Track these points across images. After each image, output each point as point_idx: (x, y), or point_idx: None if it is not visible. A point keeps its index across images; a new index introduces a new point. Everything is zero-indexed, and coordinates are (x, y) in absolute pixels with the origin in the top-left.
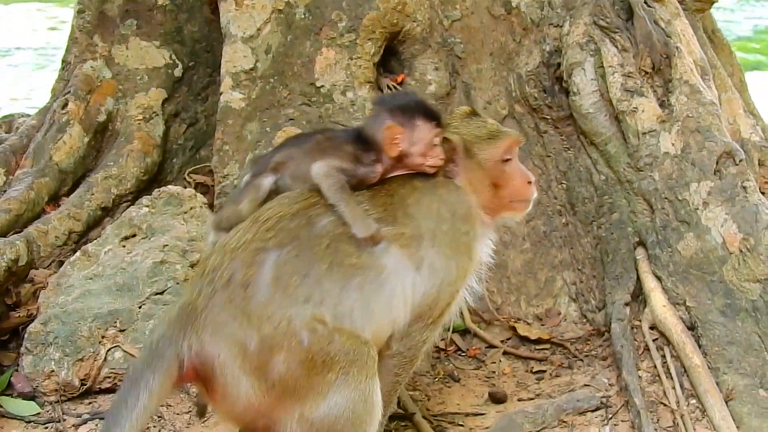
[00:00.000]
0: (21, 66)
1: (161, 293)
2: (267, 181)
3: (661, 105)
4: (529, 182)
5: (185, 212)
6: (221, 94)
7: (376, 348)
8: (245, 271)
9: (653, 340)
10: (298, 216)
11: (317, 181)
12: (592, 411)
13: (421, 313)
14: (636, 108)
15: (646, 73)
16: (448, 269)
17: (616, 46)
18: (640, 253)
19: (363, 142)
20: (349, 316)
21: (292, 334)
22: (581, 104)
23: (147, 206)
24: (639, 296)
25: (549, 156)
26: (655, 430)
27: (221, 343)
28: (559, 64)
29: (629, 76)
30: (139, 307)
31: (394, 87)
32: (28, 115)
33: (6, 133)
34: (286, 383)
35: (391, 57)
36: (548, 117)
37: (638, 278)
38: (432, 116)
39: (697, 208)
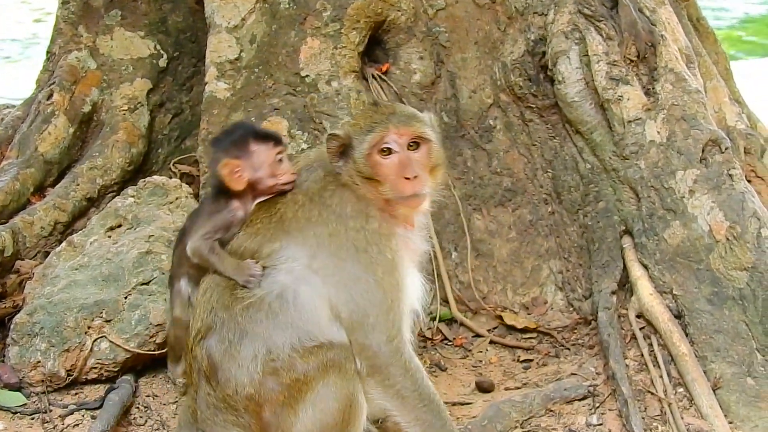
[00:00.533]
0: (5, 58)
1: (147, 283)
2: (183, 285)
3: (647, 93)
4: (407, 178)
5: (170, 202)
6: (206, 84)
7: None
8: (204, 362)
9: (640, 329)
10: (217, 292)
11: (194, 260)
12: (580, 400)
13: (352, 322)
14: (621, 96)
15: (631, 61)
16: (344, 271)
17: (601, 35)
18: (626, 241)
19: (220, 192)
20: (290, 342)
21: (262, 388)
22: (566, 93)
23: (132, 197)
24: (626, 285)
25: (534, 145)
26: (643, 418)
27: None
28: (544, 53)
29: (614, 65)
30: (125, 298)
31: (379, 76)
32: (13, 106)
33: None
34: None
35: (375, 46)
36: (533, 105)
37: (625, 267)
38: (265, 137)
39: (684, 197)
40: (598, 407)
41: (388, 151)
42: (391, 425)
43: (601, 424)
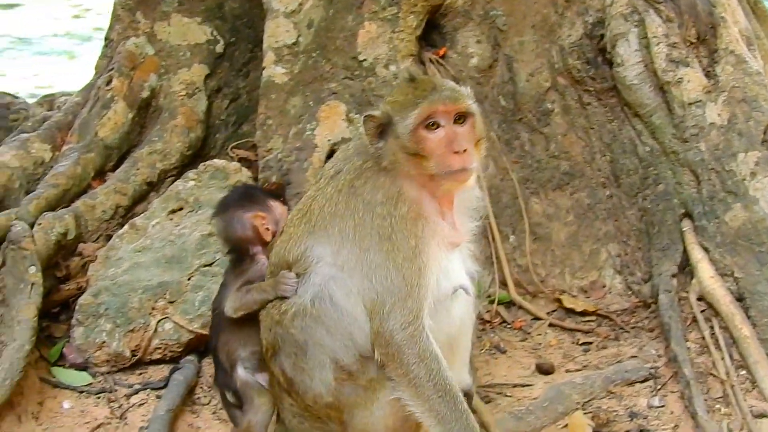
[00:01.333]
0: (45, 54)
1: (209, 265)
2: (242, 372)
3: (707, 75)
4: (456, 152)
5: (231, 185)
6: (264, 68)
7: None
8: (281, 377)
9: (701, 312)
10: (269, 310)
11: (238, 314)
12: (641, 382)
13: (371, 310)
14: (681, 78)
15: (691, 43)
16: (366, 261)
17: (661, 17)
18: (686, 224)
19: (240, 255)
20: (347, 344)
21: (340, 395)
22: (625, 75)
23: (193, 180)
24: (686, 268)
25: (593, 128)
26: (705, 400)
27: None
28: (602, 36)
29: (674, 47)
30: (188, 279)
31: (437, 60)
32: (69, 94)
33: (48, 111)
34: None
35: (433, 30)
36: (592, 89)
37: (685, 250)
38: (276, 195)
39: (745, 179)
40: (659, 389)
41: (435, 126)
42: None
43: (663, 406)
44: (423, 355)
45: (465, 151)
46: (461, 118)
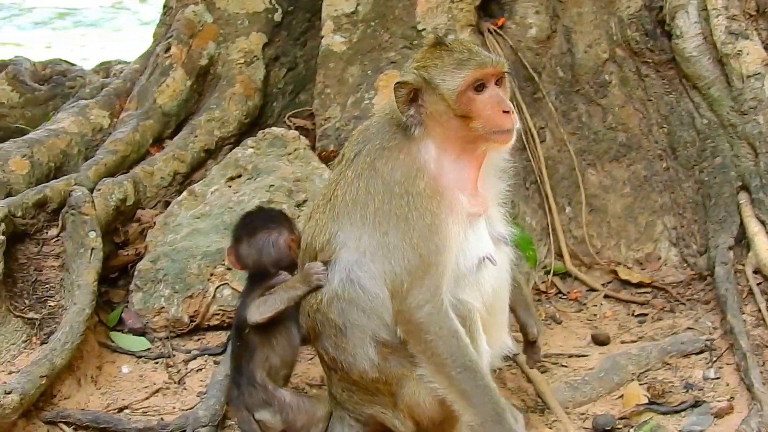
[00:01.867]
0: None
1: None
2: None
3: (766, 48)
4: (506, 111)
5: (289, 153)
6: (322, 37)
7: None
8: (325, 356)
9: (757, 285)
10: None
11: (261, 319)
12: (696, 354)
13: (391, 291)
14: (740, 51)
15: (751, 15)
16: (385, 243)
17: None
18: (743, 197)
19: (261, 277)
20: (385, 325)
21: (386, 369)
22: (684, 47)
23: (252, 147)
24: (742, 240)
25: (650, 100)
26: (761, 373)
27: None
28: (661, 7)
29: (734, 19)
30: None
31: (495, 31)
32: (125, 62)
33: (105, 78)
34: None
35: (491, 1)
36: (650, 60)
37: (741, 222)
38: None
39: None
40: (715, 361)
41: (482, 87)
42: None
43: (718, 378)
44: (441, 332)
45: (511, 110)
46: (500, 79)
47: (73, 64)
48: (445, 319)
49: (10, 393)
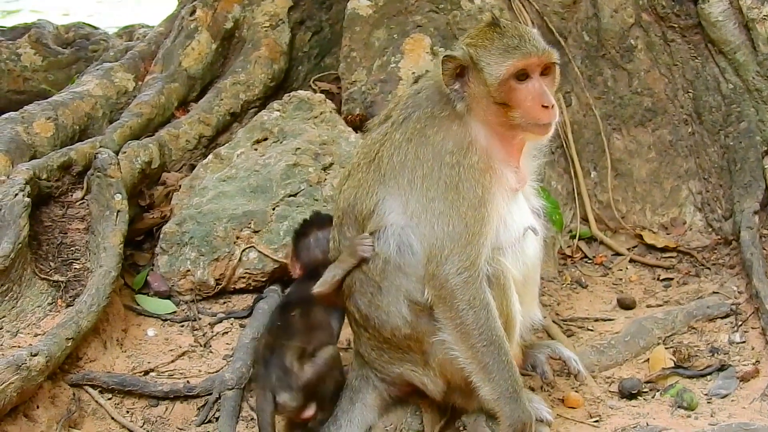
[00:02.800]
0: None
1: (294, 195)
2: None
3: None
4: (545, 106)
5: (315, 117)
6: (348, 1)
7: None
8: (357, 314)
9: None
10: None
11: (323, 290)
12: (722, 318)
13: (429, 254)
14: (766, 16)
15: None
16: (431, 210)
17: None
18: None
19: (308, 277)
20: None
21: (418, 326)
22: (710, 12)
23: (278, 110)
24: (767, 205)
25: (676, 65)
26: None
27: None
28: None
29: None
30: (273, 209)
31: None
32: (148, 26)
33: (128, 41)
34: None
35: None
36: (675, 25)
37: (767, 187)
38: None
39: None
40: (740, 325)
41: (525, 77)
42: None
43: (744, 342)
44: (474, 302)
45: (553, 106)
46: (547, 69)
47: (96, 28)
48: (479, 290)
49: (36, 355)
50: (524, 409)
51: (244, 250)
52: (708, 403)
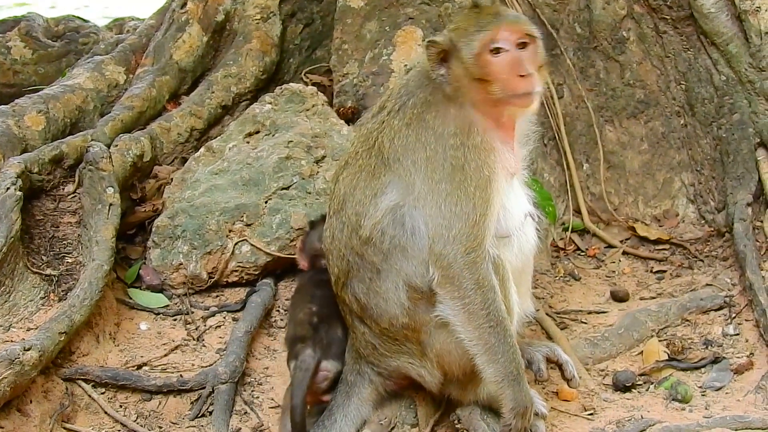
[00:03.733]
0: None
1: (287, 188)
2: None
3: None
4: (522, 75)
5: (307, 109)
6: None
7: None
8: (354, 305)
9: None
10: (341, 238)
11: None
12: (716, 310)
13: (435, 233)
14: (759, 7)
15: None
16: (437, 191)
17: None
18: (761, 153)
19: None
20: (422, 272)
21: (416, 315)
22: (702, 4)
23: (270, 103)
24: (760, 197)
25: (668, 56)
26: None
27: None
28: None
29: None
30: (266, 202)
31: None
32: (138, 19)
33: (118, 34)
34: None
35: None
36: (668, 17)
37: (760, 179)
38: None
39: None
40: (734, 317)
41: (498, 50)
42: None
43: (737, 334)
44: (481, 283)
45: (530, 74)
46: (524, 43)
47: (86, 21)
48: (486, 271)
49: (29, 350)
50: (526, 392)
51: (236, 244)
52: (702, 395)
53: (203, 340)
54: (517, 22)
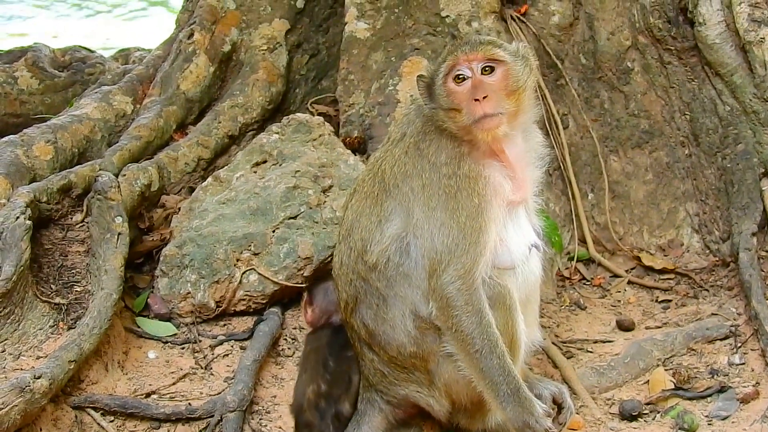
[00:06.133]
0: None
1: (294, 218)
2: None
3: None
4: (477, 99)
5: (314, 139)
6: (346, 24)
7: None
8: (362, 331)
9: None
10: (348, 263)
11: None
12: (721, 339)
13: (430, 267)
14: (763, 38)
15: None
16: (433, 219)
17: None
18: (765, 183)
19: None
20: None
21: (423, 344)
22: (707, 35)
23: (277, 133)
24: (765, 227)
25: (673, 87)
26: None
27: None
28: None
29: (756, 6)
30: (273, 231)
31: (518, 18)
32: (144, 49)
33: (124, 65)
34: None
35: None
36: (672, 48)
37: (764, 209)
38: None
39: None
40: (740, 347)
41: (462, 78)
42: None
43: (743, 364)
44: (467, 308)
45: (485, 97)
46: (489, 68)
47: (92, 51)
48: (473, 296)
49: (39, 378)
50: (526, 409)
51: (244, 273)
52: (708, 424)
53: (211, 368)
54: (476, 48)
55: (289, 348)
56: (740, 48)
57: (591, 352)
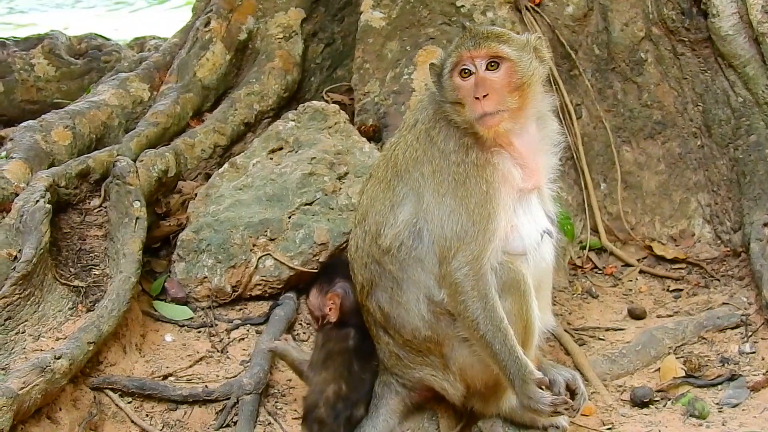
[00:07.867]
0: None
1: (310, 204)
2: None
3: None
4: (477, 98)
5: (330, 127)
6: (361, 13)
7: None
8: (378, 314)
9: None
10: (363, 247)
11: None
12: (732, 328)
13: (440, 255)
14: None
15: None
16: (443, 205)
17: None
18: None
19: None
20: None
21: (438, 328)
22: (720, 26)
23: (293, 120)
24: None
25: (686, 78)
26: None
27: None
28: None
29: None
30: (289, 217)
31: (533, 8)
32: (159, 38)
33: (139, 52)
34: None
35: None
36: (686, 39)
37: None
38: None
39: None
40: (750, 336)
41: (468, 73)
42: None
43: (754, 353)
44: (473, 293)
45: (485, 96)
46: (494, 64)
47: (107, 39)
48: (479, 282)
49: (59, 358)
50: (534, 392)
51: (260, 258)
52: (719, 412)
53: (227, 352)
54: (480, 44)
55: (304, 332)
56: (753, 39)
57: (603, 339)
